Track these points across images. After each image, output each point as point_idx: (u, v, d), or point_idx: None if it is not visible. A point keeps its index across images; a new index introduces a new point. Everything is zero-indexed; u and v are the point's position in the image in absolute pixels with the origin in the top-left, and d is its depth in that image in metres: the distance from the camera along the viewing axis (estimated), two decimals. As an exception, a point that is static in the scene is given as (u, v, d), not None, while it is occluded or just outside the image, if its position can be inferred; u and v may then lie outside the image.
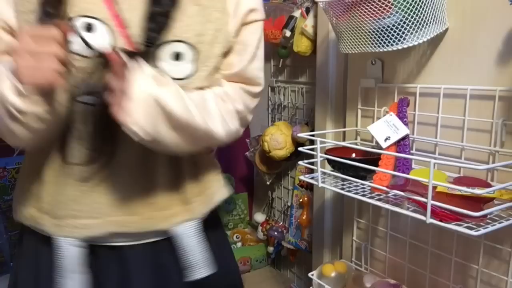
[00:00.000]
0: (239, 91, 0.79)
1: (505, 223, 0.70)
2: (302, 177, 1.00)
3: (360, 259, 1.16)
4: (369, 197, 0.83)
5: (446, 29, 0.89)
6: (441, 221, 0.70)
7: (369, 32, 0.86)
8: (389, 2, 0.81)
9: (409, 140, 0.90)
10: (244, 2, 0.77)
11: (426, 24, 0.83)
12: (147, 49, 0.68)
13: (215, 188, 0.85)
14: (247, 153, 1.78)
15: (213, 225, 0.87)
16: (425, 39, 0.84)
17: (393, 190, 0.78)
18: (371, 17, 0.84)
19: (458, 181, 0.80)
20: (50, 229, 0.75)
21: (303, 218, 1.51)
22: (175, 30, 0.70)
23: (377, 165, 0.86)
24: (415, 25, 0.82)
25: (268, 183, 1.76)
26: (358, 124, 1.13)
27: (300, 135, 1.08)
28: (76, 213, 0.75)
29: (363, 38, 0.88)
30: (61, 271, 0.74)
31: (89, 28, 0.66)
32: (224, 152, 2.01)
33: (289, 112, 1.68)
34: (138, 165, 0.76)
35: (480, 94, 0.84)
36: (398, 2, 0.81)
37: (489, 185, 0.77)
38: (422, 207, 0.73)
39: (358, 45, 0.90)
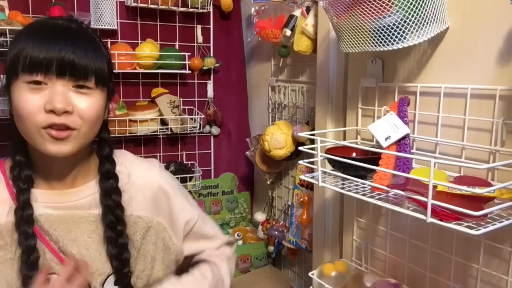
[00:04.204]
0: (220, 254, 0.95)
1: (506, 222, 0.70)
2: (302, 177, 1.00)
3: (361, 258, 1.16)
4: (370, 197, 0.83)
5: (447, 28, 0.89)
6: (441, 220, 0.70)
7: (370, 31, 0.86)
8: (389, 1, 0.81)
9: (410, 139, 0.90)
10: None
11: (427, 23, 0.83)
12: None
13: None
14: (247, 152, 1.78)
15: None
16: (425, 38, 0.84)
17: (393, 190, 0.78)
18: (371, 16, 0.84)
19: (458, 180, 0.80)
20: None
21: (304, 217, 1.51)
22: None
23: (377, 165, 0.86)
24: (416, 24, 0.82)
25: (268, 182, 1.76)
26: (359, 123, 1.13)
27: (300, 134, 1.08)
28: None
29: (364, 37, 0.88)
30: None
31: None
32: (226, 152, 2.02)
33: (290, 112, 1.68)
34: None
35: (481, 93, 0.84)
36: (399, 1, 0.81)
37: (490, 185, 0.77)
38: (422, 206, 0.73)
39: (359, 44, 0.90)
